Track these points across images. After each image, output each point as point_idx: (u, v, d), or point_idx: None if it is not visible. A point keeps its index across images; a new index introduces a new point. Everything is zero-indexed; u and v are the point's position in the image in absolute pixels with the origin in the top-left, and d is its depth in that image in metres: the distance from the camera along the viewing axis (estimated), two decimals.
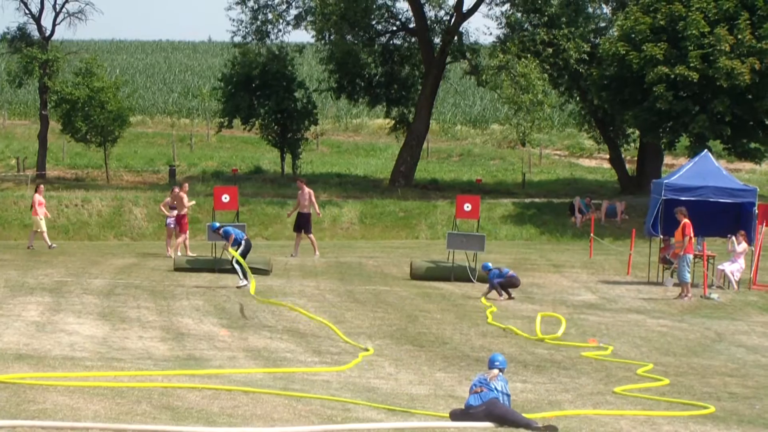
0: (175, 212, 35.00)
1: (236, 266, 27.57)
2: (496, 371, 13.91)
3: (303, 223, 35.80)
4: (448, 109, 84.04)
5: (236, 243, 27.99)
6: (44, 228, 37.35)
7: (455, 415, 13.86)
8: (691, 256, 28.90)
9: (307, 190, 35.87)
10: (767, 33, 46.07)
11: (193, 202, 36.53)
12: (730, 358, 20.61)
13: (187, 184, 36.56)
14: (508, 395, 13.85)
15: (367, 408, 14.77)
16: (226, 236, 28.26)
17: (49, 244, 36.96)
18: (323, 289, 28.22)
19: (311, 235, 35.95)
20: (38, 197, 37.75)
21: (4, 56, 60.85)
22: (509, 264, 32.49)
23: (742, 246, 30.82)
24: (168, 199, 36.02)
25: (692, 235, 28.78)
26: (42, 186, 39.93)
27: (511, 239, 46.19)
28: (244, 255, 27.73)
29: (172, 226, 35.07)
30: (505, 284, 27.87)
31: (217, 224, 29.17)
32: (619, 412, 15.43)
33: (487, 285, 28.17)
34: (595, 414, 15.21)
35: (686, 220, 28.75)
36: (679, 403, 16.27)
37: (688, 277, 28.67)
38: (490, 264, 28.99)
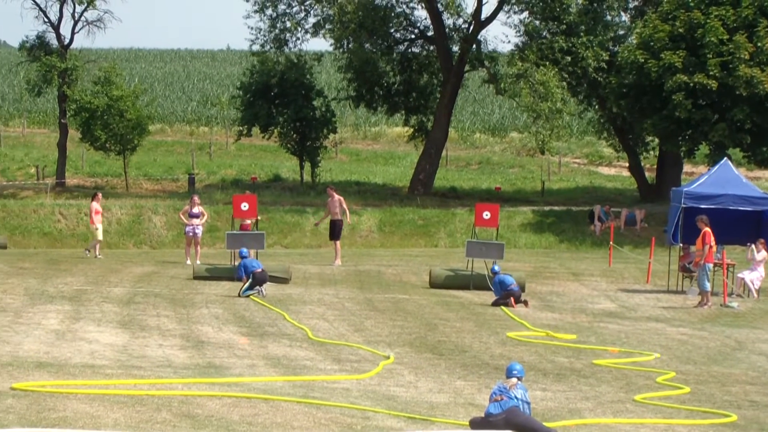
0: (194, 220, 35.03)
1: (249, 291, 27.61)
2: (514, 380, 13.88)
3: (337, 230, 36.02)
4: (467, 117, 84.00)
5: (247, 275, 27.98)
6: (99, 237, 37.28)
7: (475, 424, 13.83)
8: (711, 265, 28.82)
9: (337, 197, 36.04)
10: None
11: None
12: (750, 367, 20.54)
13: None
14: (528, 403, 13.83)
15: (386, 416, 14.76)
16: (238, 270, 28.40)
17: (88, 249, 37.11)
18: (342, 298, 28.23)
19: (338, 243, 36.09)
20: (95, 205, 37.43)
21: (24, 65, 60.98)
22: (529, 272, 32.45)
23: (762, 254, 30.73)
24: (187, 206, 36.04)
25: (713, 243, 28.70)
26: (99, 194, 38.80)
27: (530, 247, 46.12)
28: (255, 284, 27.77)
29: (191, 234, 35.11)
30: (507, 296, 27.62)
31: (246, 251, 29.14)
32: (639, 420, 15.39)
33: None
34: (615, 422, 15.19)
35: (707, 229, 28.67)
36: (700, 411, 16.22)
37: (708, 285, 28.60)
38: (497, 266, 28.93)
